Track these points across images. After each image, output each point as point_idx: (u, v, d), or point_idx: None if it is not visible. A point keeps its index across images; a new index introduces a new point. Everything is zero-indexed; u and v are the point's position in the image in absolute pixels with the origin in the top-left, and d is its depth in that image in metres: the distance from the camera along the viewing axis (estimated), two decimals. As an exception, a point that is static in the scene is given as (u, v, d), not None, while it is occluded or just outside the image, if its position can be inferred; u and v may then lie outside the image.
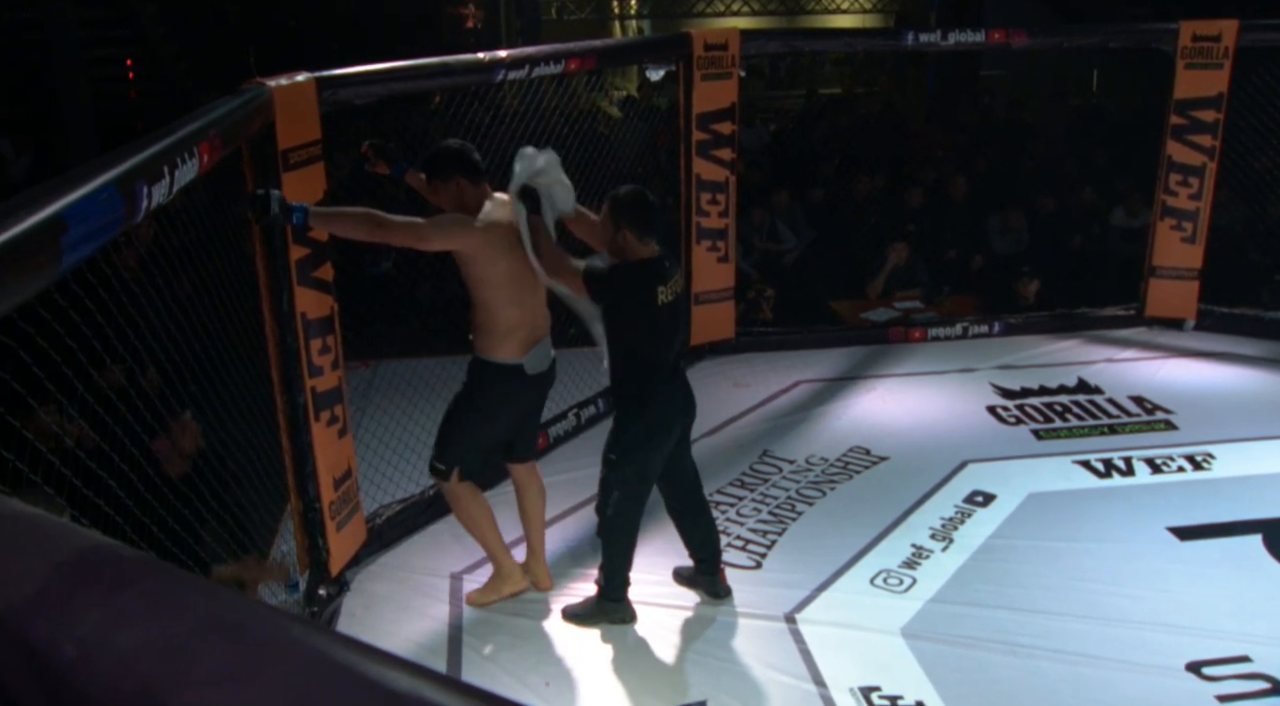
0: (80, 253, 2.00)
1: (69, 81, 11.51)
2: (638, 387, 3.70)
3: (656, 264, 3.62)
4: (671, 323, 3.69)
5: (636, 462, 3.74)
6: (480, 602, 4.08)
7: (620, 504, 3.78)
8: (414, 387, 5.33)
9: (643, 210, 3.60)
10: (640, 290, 3.58)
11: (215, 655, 0.65)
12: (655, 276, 3.59)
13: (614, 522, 3.82)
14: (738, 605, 4.06)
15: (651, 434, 3.73)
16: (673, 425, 3.80)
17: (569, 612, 3.99)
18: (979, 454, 5.28)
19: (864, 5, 19.37)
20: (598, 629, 3.91)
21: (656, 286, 3.57)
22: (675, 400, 3.79)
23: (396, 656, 0.67)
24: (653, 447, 3.75)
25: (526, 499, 4.18)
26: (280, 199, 3.48)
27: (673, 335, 3.73)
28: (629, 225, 3.58)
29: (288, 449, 3.92)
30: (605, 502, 3.81)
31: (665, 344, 3.70)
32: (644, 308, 3.59)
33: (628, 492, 3.78)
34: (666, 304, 3.60)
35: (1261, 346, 6.69)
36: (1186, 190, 6.70)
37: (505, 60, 4.70)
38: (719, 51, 6.09)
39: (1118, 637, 3.80)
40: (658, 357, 3.69)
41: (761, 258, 7.72)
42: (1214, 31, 6.45)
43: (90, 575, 0.72)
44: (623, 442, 3.74)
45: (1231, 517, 4.62)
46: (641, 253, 3.61)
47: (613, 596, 3.93)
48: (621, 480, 3.77)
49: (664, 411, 3.75)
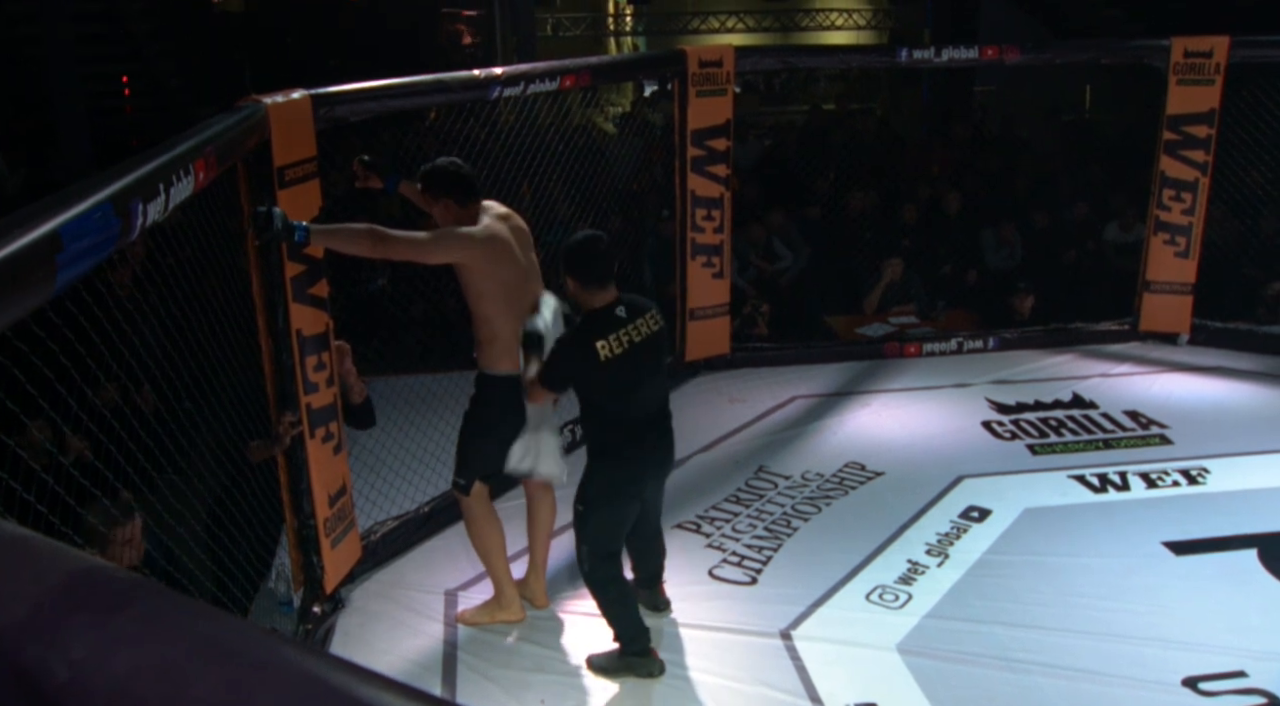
0: (75, 270, 2.00)
1: (65, 97, 11.53)
2: (604, 441, 3.61)
3: (600, 317, 3.46)
4: (628, 372, 3.46)
5: (601, 515, 3.62)
6: (471, 622, 4.06)
7: (590, 559, 3.67)
8: (409, 404, 5.32)
9: (586, 259, 3.46)
10: (579, 350, 3.43)
11: (210, 678, 0.65)
12: (594, 332, 3.42)
13: (593, 577, 3.70)
14: (733, 622, 4.05)
15: (617, 489, 3.61)
16: (642, 480, 3.65)
17: (593, 663, 3.79)
18: (974, 469, 5.28)
19: (858, 22, 19.49)
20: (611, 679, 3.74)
21: (594, 343, 3.39)
22: (645, 456, 3.63)
23: (391, 679, 0.66)
24: (621, 502, 3.63)
25: (537, 513, 4.15)
26: (282, 216, 3.47)
27: (633, 387, 3.51)
28: (572, 274, 3.48)
29: (283, 465, 3.91)
30: (580, 558, 3.71)
31: (626, 397, 3.51)
32: (585, 367, 3.43)
33: (597, 548, 3.65)
34: (616, 356, 3.39)
35: (1256, 361, 6.71)
36: (1180, 205, 6.72)
37: (501, 77, 4.72)
38: (714, 68, 6.12)
39: (1114, 652, 3.79)
40: (621, 412, 3.54)
41: (757, 274, 7.74)
42: (1206, 48, 6.49)
43: (83, 597, 0.72)
44: (588, 495, 3.63)
45: (1227, 532, 4.62)
46: (590, 302, 3.47)
47: (632, 650, 3.71)
48: (589, 534, 3.65)
49: (630, 470, 3.60)
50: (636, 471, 3.63)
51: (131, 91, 13.65)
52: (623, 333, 3.43)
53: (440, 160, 3.86)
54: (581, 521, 3.65)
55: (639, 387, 3.54)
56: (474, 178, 3.83)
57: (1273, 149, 6.74)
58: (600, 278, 3.47)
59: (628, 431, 3.57)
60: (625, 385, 3.49)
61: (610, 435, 3.59)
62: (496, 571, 4.05)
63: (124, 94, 13.66)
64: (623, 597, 3.75)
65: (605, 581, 3.70)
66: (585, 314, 3.50)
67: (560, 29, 18.68)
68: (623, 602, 3.74)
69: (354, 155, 4.27)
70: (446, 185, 3.76)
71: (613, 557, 3.71)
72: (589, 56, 6.08)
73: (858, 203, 8.20)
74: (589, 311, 3.49)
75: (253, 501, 3.88)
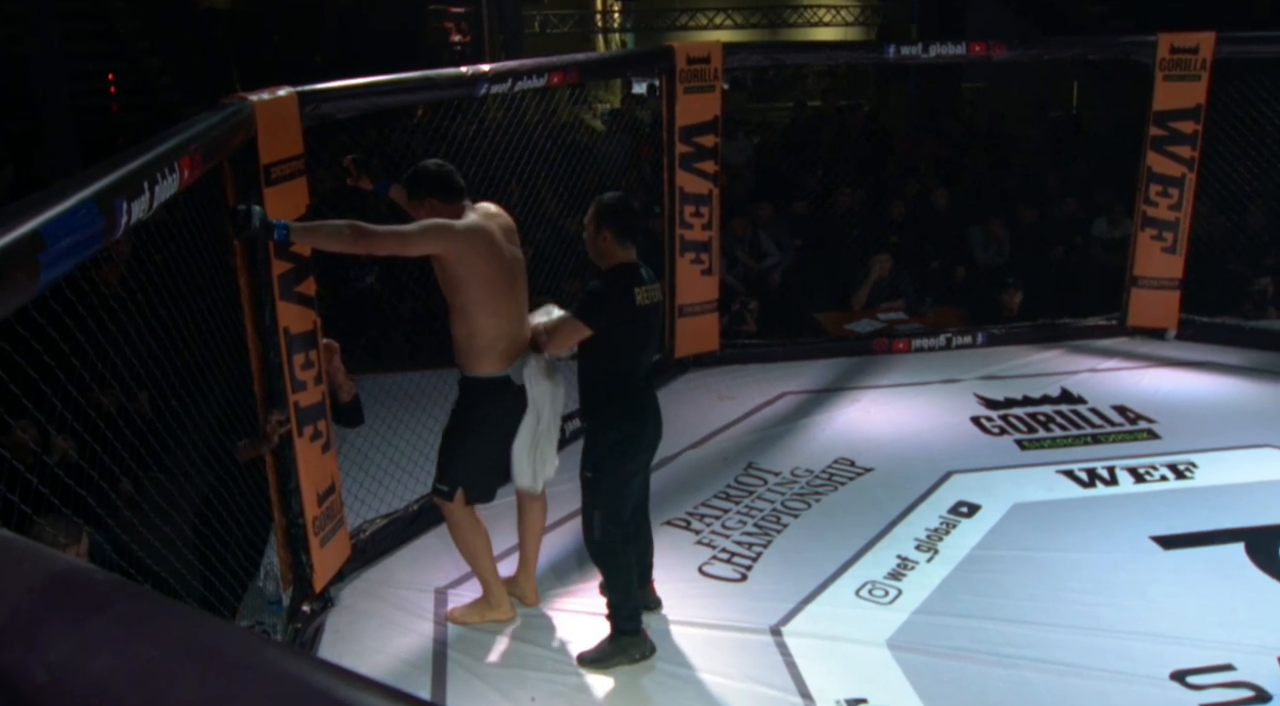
0: (59, 269, 1.98)
1: (50, 95, 11.47)
2: (609, 397, 3.69)
3: (632, 268, 3.65)
4: (646, 330, 3.70)
5: (613, 476, 3.70)
6: (461, 621, 4.05)
7: (604, 525, 3.72)
8: (397, 402, 5.31)
9: (624, 214, 3.65)
10: (621, 293, 3.60)
11: (190, 680, 0.65)
12: (629, 280, 3.62)
13: (602, 546, 3.76)
14: (723, 618, 4.05)
15: (626, 444, 3.71)
16: (645, 436, 3.76)
17: (585, 658, 3.81)
18: (963, 464, 5.30)
19: (846, 18, 19.51)
20: (616, 671, 3.75)
21: (634, 287, 3.60)
22: (648, 412, 3.77)
23: (372, 680, 0.66)
24: (628, 459, 3.72)
25: (528, 514, 4.14)
26: (261, 214, 3.46)
27: (646, 343, 3.73)
28: (609, 227, 3.63)
29: (270, 464, 3.90)
30: (590, 526, 3.76)
31: (639, 351, 3.70)
32: (625, 309, 3.60)
33: (609, 513, 3.72)
34: (644, 307, 3.61)
35: (1242, 355, 6.73)
36: (1166, 201, 6.75)
37: (488, 74, 4.71)
38: (702, 64, 6.11)
39: (1103, 647, 3.80)
40: (631, 365, 3.69)
41: (745, 270, 7.74)
42: (1192, 44, 6.51)
43: (63, 599, 0.71)
44: (595, 455, 3.71)
45: (1214, 526, 4.64)
46: (619, 256, 3.65)
47: (626, 628, 3.77)
48: (600, 499, 3.72)
49: (636, 423, 3.72)
50: (642, 426, 3.74)
51: (118, 89, 13.60)
52: (646, 288, 3.64)
53: (424, 161, 3.86)
54: (593, 488, 3.73)
55: (648, 346, 3.74)
56: (456, 176, 3.82)
57: (1258, 144, 6.77)
58: (631, 234, 3.66)
59: (629, 395, 3.69)
60: (642, 340, 3.69)
61: (613, 400, 3.70)
62: (484, 572, 4.04)
63: (110, 92, 13.60)
64: (628, 569, 3.82)
65: (615, 548, 3.77)
66: (613, 267, 3.65)
67: (548, 26, 18.65)
68: (627, 574, 3.81)
69: (341, 153, 4.26)
70: (430, 184, 3.76)
71: (624, 525, 3.78)
72: (577, 53, 6.06)
73: (846, 199, 8.21)
74: (618, 264, 3.64)
75: (241, 500, 3.86)
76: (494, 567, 4.07)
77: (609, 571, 3.80)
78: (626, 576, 3.80)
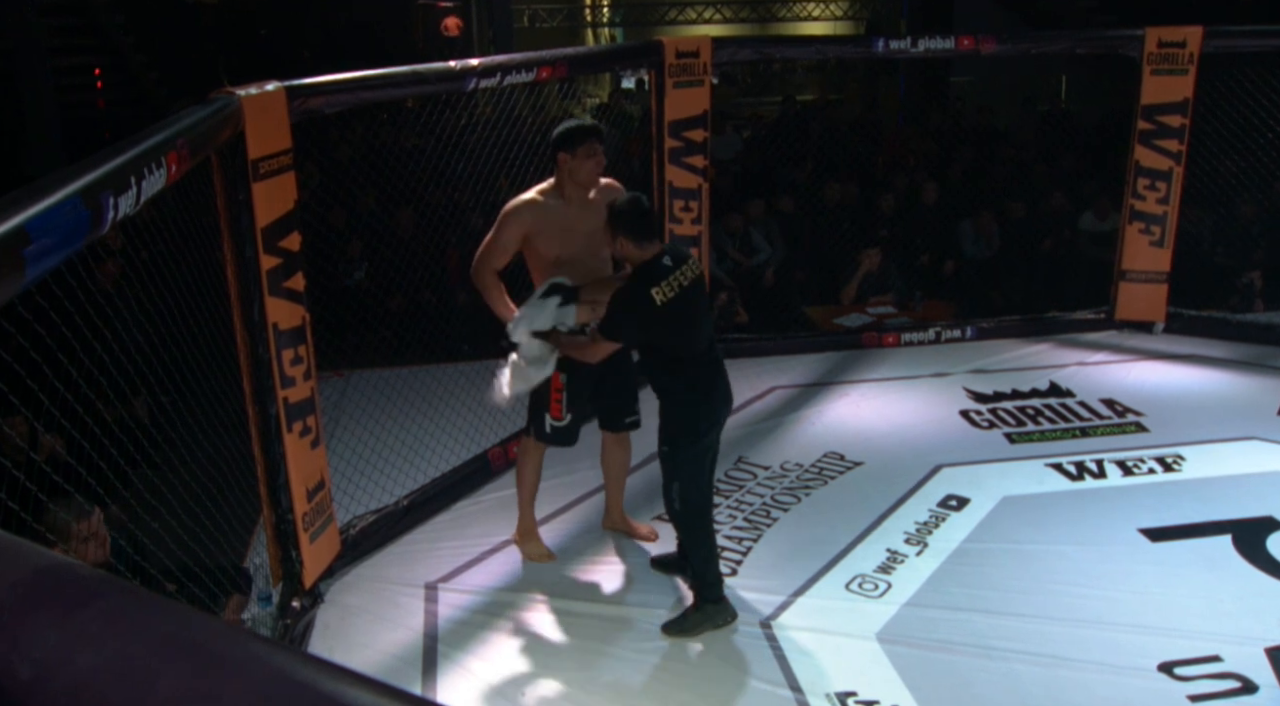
0: (44, 265, 1.97)
1: (35, 90, 11.41)
2: (671, 376, 3.79)
3: (651, 267, 3.68)
4: (683, 316, 3.72)
5: (686, 448, 3.81)
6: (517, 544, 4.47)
7: (683, 492, 3.83)
8: (387, 397, 5.31)
9: (635, 216, 3.70)
10: (637, 301, 3.64)
11: (175, 675, 0.64)
12: (649, 281, 3.64)
13: (684, 514, 3.87)
14: (714, 612, 4.05)
15: (694, 417, 3.79)
16: (713, 407, 3.85)
17: (670, 627, 3.91)
18: (952, 458, 5.31)
19: (835, 13, 19.52)
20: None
21: (649, 290, 3.62)
22: (715, 384, 3.85)
23: (360, 674, 0.66)
24: (699, 432, 3.81)
25: (610, 465, 4.49)
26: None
27: (691, 323, 3.76)
28: (624, 232, 3.68)
29: (260, 460, 3.89)
30: (670, 497, 3.88)
31: (684, 334, 3.75)
32: (646, 315, 3.64)
33: (686, 480, 3.83)
34: (670, 299, 3.64)
35: (1230, 348, 6.76)
36: (1154, 194, 6.77)
37: (477, 68, 4.69)
38: (691, 59, 6.10)
39: (1091, 639, 3.82)
40: (683, 346, 3.76)
41: (735, 264, 7.74)
42: (1179, 38, 6.53)
43: (47, 594, 0.71)
44: (668, 431, 3.82)
45: (1202, 518, 4.66)
46: (642, 256, 3.70)
47: (710, 596, 3.90)
48: (677, 469, 3.83)
49: (703, 403, 3.81)
50: (706, 407, 3.83)
51: (105, 84, 13.52)
52: (672, 279, 3.67)
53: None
54: (671, 459, 3.84)
55: (695, 325, 3.77)
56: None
57: (1245, 138, 6.79)
58: (649, 233, 3.74)
59: (692, 369, 3.79)
60: (683, 323, 3.74)
61: (675, 379, 3.79)
62: (521, 503, 4.41)
63: (97, 87, 13.52)
64: (708, 537, 3.93)
65: (698, 515, 3.87)
66: (638, 267, 3.71)
67: (537, 20, 18.62)
68: (708, 544, 3.93)
69: (330, 147, 4.25)
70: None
71: (704, 491, 3.90)
72: (566, 48, 6.05)
73: (835, 193, 8.21)
74: (641, 264, 3.70)
75: (230, 496, 3.85)
76: (529, 506, 4.39)
77: (692, 540, 3.91)
78: (709, 545, 3.92)
